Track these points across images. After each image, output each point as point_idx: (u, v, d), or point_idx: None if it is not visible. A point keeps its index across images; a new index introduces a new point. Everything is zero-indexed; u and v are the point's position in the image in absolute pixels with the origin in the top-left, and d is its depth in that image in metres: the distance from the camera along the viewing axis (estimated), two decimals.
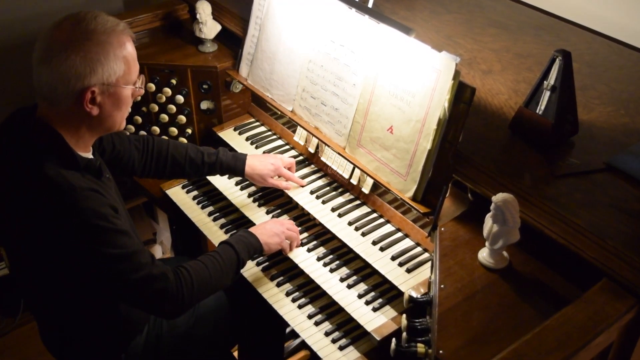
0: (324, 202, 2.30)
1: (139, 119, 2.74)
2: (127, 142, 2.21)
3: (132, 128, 2.77)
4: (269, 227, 2.14)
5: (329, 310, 2.09)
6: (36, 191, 1.67)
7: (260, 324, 2.30)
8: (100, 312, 1.92)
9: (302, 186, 2.37)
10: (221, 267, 1.95)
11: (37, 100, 1.76)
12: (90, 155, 1.83)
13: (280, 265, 2.24)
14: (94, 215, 1.67)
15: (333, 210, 2.26)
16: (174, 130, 2.74)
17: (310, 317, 2.07)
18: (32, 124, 1.75)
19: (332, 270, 2.13)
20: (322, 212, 2.26)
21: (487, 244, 1.78)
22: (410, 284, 1.97)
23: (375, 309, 1.99)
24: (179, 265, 1.89)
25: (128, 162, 2.21)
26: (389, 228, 2.18)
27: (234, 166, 2.33)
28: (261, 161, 2.35)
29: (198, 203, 2.51)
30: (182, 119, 2.71)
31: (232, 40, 2.75)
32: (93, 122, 1.77)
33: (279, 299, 2.13)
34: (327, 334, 2.02)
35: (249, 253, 2.06)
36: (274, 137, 2.65)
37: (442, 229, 1.93)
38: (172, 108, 2.71)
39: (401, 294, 1.95)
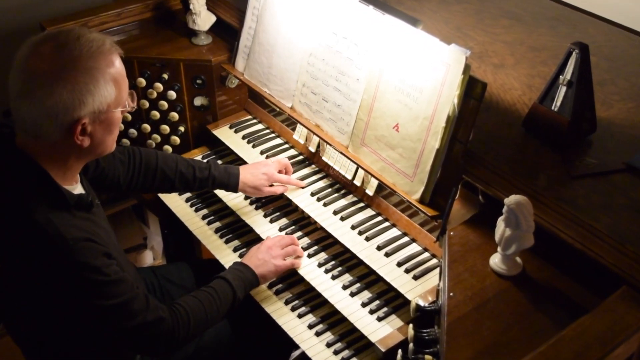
0: (325, 205, 2.30)
1: (128, 116, 2.75)
2: (111, 156, 2.14)
3: (121, 126, 2.76)
4: (261, 257, 2.13)
5: (331, 320, 2.09)
6: (26, 239, 1.65)
7: (264, 345, 2.30)
8: (88, 346, 1.93)
9: (302, 187, 2.38)
10: (217, 305, 1.97)
11: (17, 131, 1.71)
12: (79, 189, 1.81)
13: None
14: (88, 269, 1.67)
15: (335, 213, 2.27)
16: (165, 128, 2.74)
17: (310, 327, 2.07)
18: (13, 159, 1.69)
19: (334, 277, 2.14)
20: (323, 215, 2.27)
21: (499, 249, 1.78)
22: (417, 291, 1.98)
23: (380, 319, 2.00)
24: (175, 303, 1.92)
25: (113, 178, 2.16)
26: (394, 232, 2.19)
27: (227, 182, 2.32)
28: (252, 173, 2.34)
29: (191, 206, 2.52)
30: (175, 116, 2.72)
31: (227, 32, 2.75)
32: (83, 152, 1.74)
33: (278, 307, 2.14)
34: (328, 345, 2.02)
35: (245, 289, 2.08)
36: (272, 135, 2.65)
37: (452, 233, 1.93)
38: (164, 104, 2.71)
39: (408, 302, 1.95)
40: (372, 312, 2.02)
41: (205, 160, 2.38)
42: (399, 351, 1.77)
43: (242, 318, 2.26)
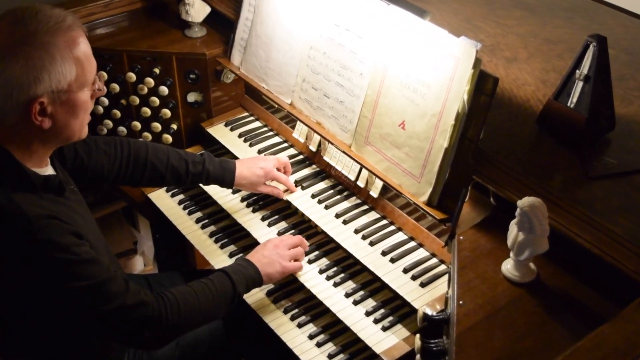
0: (327, 207, 2.31)
1: (117, 113, 2.76)
2: (94, 147, 2.15)
3: (109, 124, 2.78)
4: (267, 254, 2.11)
5: (333, 330, 2.10)
6: None
7: (261, 357, 2.30)
8: (71, 344, 1.92)
9: (300, 191, 2.38)
10: (213, 296, 1.95)
11: None
12: (48, 171, 1.81)
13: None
14: (54, 247, 1.66)
15: (337, 216, 2.27)
16: (157, 126, 2.75)
17: (311, 337, 2.08)
18: None
19: (336, 285, 2.14)
20: (324, 218, 2.27)
21: (511, 254, 1.79)
22: (424, 299, 1.98)
23: (385, 328, 2.00)
24: (165, 290, 1.90)
25: (95, 170, 2.16)
26: (400, 237, 2.19)
27: (222, 177, 2.31)
28: (249, 168, 2.33)
29: (185, 208, 2.52)
30: (167, 113, 2.72)
31: (222, 24, 2.76)
32: (46, 135, 1.74)
33: (276, 317, 2.14)
34: (330, 356, 2.02)
35: (247, 286, 2.05)
36: (271, 133, 2.66)
37: (461, 237, 1.94)
38: (155, 101, 2.72)
39: (414, 311, 1.95)
40: (376, 321, 2.02)
41: (200, 154, 2.37)
42: None
43: (237, 328, 2.26)
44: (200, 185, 2.48)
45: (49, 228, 1.67)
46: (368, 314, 2.04)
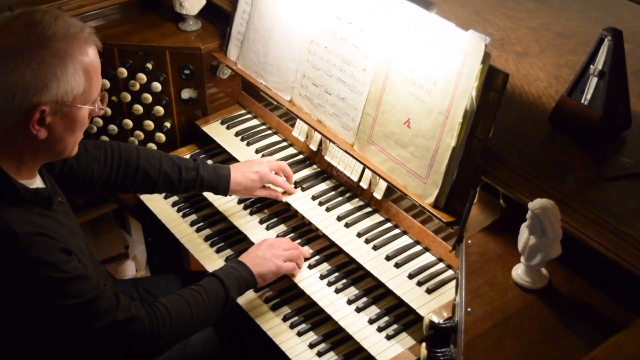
0: (328, 210, 2.31)
1: (108, 110, 2.76)
2: (83, 152, 2.15)
3: (99, 122, 2.79)
4: (261, 254, 2.13)
5: (335, 339, 2.10)
6: None
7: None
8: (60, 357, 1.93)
9: (300, 192, 2.38)
10: (205, 304, 1.97)
11: None
12: (36, 182, 1.82)
13: (277, 285, 2.25)
14: (42, 266, 1.67)
15: (339, 219, 2.27)
16: (149, 124, 2.75)
17: (312, 346, 2.08)
18: None
19: (337, 291, 2.14)
20: (326, 221, 2.28)
21: (522, 259, 1.79)
22: (430, 306, 1.98)
23: (389, 337, 2.00)
24: (155, 302, 1.91)
25: (85, 175, 2.16)
26: (405, 240, 2.20)
27: (216, 184, 2.32)
28: (244, 173, 2.34)
29: (179, 211, 2.53)
30: (160, 110, 2.73)
31: (218, 17, 2.76)
32: (39, 147, 1.74)
33: (275, 324, 2.14)
34: None
35: (240, 289, 2.07)
36: (269, 132, 2.66)
37: (469, 241, 1.94)
38: (148, 97, 2.72)
39: (420, 318, 1.96)
40: (380, 329, 2.02)
41: (193, 159, 2.38)
42: None
43: (232, 336, 2.26)
44: None
45: (38, 246, 1.67)
46: (371, 321, 2.04)
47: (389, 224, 2.25)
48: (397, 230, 2.23)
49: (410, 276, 2.07)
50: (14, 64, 1.62)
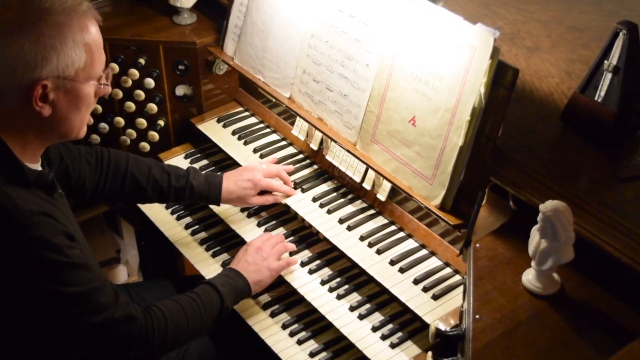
0: (329, 212, 2.31)
1: (98, 108, 2.76)
2: (77, 153, 2.18)
3: (90, 120, 2.75)
4: (251, 260, 2.15)
5: (336, 347, 2.10)
6: None
7: None
8: (49, 352, 1.93)
9: (300, 194, 2.38)
10: (201, 313, 1.98)
11: None
12: (39, 167, 1.84)
13: (275, 291, 2.25)
14: (46, 247, 1.68)
15: (341, 221, 2.27)
16: (142, 122, 2.75)
17: (312, 355, 2.08)
18: None
19: (339, 297, 2.14)
20: (327, 224, 2.28)
21: (533, 263, 1.79)
22: (437, 313, 1.98)
23: (393, 345, 2.00)
24: (152, 305, 1.92)
25: (78, 179, 2.18)
26: (410, 244, 2.20)
27: (207, 192, 2.33)
28: (236, 182, 2.35)
29: (172, 213, 2.53)
30: (153, 107, 2.73)
31: (215, 10, 2.76)
32: (44, 126, 1.76)
33: (274, 332, 2.14)
34: None
35: (236, 298, 2.09)
36: (267, 130, 2.66)
37: (477, 245, 1.94)
38: (140, 94, 2.72)
39: (426, 326, 1.95)
40: (384, 337, 2.02)
41: (185, 167, 2.38)
42: None
43: (229, 345, 2.26)
44: None
45: (43, 225, 1.69)
46: (375, 329, 2.05)
47: (393, 227, 2.25)
48: (401, 234, 2.23)
49: (416, 282, 2.07)
50: (12, 37, 1.65)
